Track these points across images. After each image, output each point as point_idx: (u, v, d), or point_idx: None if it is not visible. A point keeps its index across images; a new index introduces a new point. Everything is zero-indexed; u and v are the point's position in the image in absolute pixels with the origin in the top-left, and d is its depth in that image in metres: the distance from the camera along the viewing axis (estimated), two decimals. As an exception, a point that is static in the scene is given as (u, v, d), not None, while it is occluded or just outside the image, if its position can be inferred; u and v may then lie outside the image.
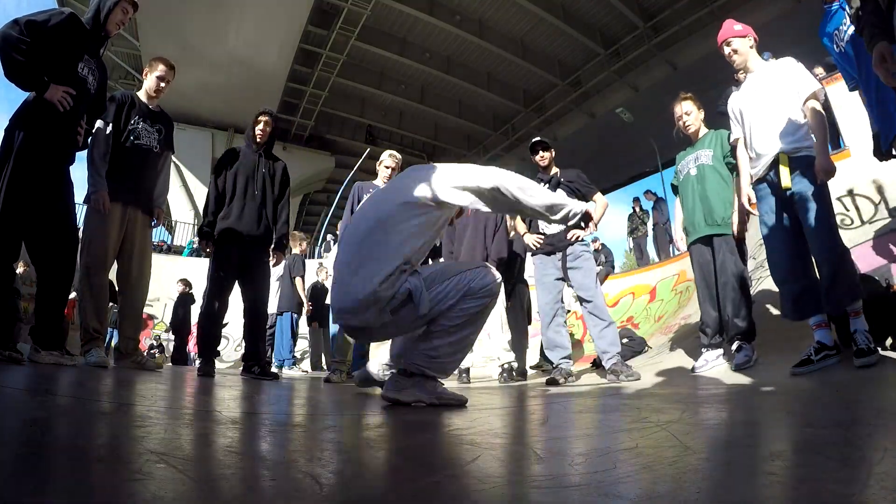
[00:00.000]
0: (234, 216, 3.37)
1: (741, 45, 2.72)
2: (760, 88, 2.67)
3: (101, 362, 2.69)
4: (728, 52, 2.76)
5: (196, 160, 17.38)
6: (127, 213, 3.00)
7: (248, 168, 3.47)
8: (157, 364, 3.53)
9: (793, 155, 2.49)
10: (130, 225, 3.03)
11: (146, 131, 3.08)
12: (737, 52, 2.73)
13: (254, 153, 3.53)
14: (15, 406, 1.27)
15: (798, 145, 2.49)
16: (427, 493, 0.71)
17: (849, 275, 2.37)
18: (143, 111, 3.10)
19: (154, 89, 3.16)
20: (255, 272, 3.43)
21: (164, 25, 13.15)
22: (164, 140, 3.19)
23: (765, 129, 2.60)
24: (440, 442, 1.24)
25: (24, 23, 2.28)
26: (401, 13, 15.21)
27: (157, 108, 3.22)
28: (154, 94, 3.18)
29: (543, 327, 3.66)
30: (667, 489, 0.74)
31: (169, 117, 3.31)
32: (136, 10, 2.76)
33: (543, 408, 2.10)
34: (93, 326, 2.82)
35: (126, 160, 2.97)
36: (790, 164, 2.49)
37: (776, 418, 1.46)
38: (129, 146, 3.00)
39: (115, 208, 2.91)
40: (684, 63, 14.55)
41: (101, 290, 2.90)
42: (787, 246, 2.53)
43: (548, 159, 3.79)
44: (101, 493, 0.61)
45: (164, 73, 3.18)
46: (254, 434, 1.23)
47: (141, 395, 1.74)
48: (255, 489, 0.71)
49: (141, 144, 3.05)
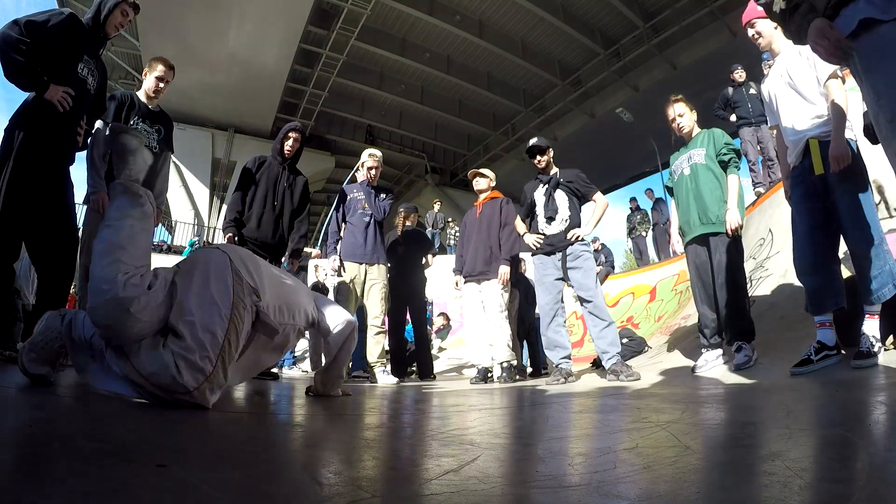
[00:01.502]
0: (253, 225, 3.51)
1: (765, 27, 2.60)
2: (786, 72, 2.56)
3: None
4: (752, 33, 2.65)
5: (196, 160, 17.38)
6: None
7: (271, 179, 3.58)
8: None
9: (823, 139, 2.38)
10: None
11: (145, 131, 3.09)
12: (761, 34, 2.62)
13: (279, 165, 3.63)
14: (15, 406, 1.27)
15: (828, 129, 2.37)
16: (427, 493, 0.71)
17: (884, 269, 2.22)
18: (142, 111, 3.11)
19: (153, 90, 3.17)
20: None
21: (164, 25, 13.16)
22: (163, 140, 3.20)
23: (794, 115, 2.50)
24: (440, 442, 1.23)
25: (23, 23, 2.28)
26: (401, 13, 15.22)
27: (156, 108, 3.23)
28: (153, 95, 3.18)
29: (543, 327, 3.66)
30: (667, 489, 0.74)
31: (169, 117, 3.32)
32: (137, 13, 2.75)
33: (543, 408, 2.10)
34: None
35: None
36: (821, 149, 2.38)
37: (776, 418, 1.46)
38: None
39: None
40: (684, 63, 14.56)
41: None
42: (810, 237, 2.43)
43: (545, 162, 3.79)
44: (102, 494, 0.61)
45: (164, 73, 3.19)
46: (254, 433, 1.23)
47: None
48: (254, 489, 0.71)
49: None
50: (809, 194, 2.46)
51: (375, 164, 4.23)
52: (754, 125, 6.29)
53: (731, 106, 6.48)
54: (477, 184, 4.41)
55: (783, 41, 2.61)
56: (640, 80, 15.79)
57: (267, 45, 14.49)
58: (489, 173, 4.44)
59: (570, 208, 3.67)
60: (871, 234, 2.25)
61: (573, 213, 3.66)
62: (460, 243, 4.46)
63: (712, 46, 13.63)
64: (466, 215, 4.54)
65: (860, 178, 2.31)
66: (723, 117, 6.58)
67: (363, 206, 4.16)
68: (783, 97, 2.58)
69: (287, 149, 3.63)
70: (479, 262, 4.13)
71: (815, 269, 2.42)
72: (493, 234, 4.13)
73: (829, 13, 1.35)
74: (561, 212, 3.66)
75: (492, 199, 4.32)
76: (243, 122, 17.68)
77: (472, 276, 4.16)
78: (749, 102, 6.32)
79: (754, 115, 6.27)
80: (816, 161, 2.40)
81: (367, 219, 4.12)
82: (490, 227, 4.17)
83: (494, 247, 4.10)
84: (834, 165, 2.26)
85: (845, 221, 2.31)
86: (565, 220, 3.64)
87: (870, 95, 1.28)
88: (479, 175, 4.41)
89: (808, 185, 2.47)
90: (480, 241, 4.16)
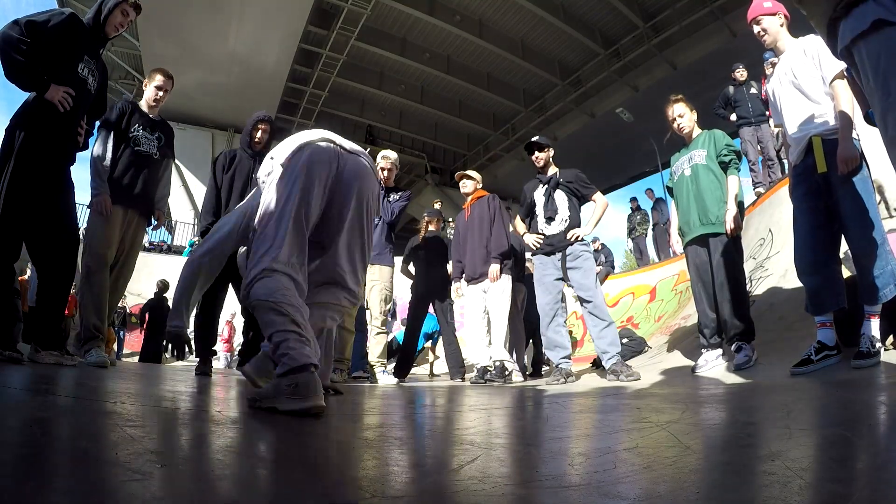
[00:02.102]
0: None
1: (771, 24, 2.59)
2: (790, 70, 2.55)
3: (101, 362, 2.70)
4: (758, 30, 2.62)
5: (196, 160, 17.38)
6: (127, 215, 3.11)
7: (244, 172, 3.54)
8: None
9: (827, 137, 2.38)
10: (129, 227, 3.14)
11: (146, 138, 3.19)
12: (766, 31, 2.59)
13: (249, 157, 3.60)
14: (15, 406, 1.27)
15: (831, 127, 2.38)
16: (427, 493, 0.71)
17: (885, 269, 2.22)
18: (143, 119, 3.21)
19: (153, 99, 3.29)
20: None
21: (164, 25, 13.16)
22: (164, 147, 3.30)
23: (797, 113, 2.50)
24: (440, 442, 1.24)
25: (24, 23, 2.28)
26: (401, 13, 15.22)
27: (157, 116, 3.33)
28: (154, 104, 3.30)
29: (543, 327, 3.67)
30: (667, 489, 0.74)
31: (169, 126, 3.43)
32: (138, 13, 2.76)
33: (543, 408, 2.10)
34: (93, 324, 2.88)
35: (127, 166, 3.10)
36: (825, 146, 2.38)
37: (776, 418, 1.46)
38: (129, 152, 3.12)
39: (117, 211, 3.02)
40: (684, 63, 14.56)
41: (101, 289, 2.94)
42: (811, 237, 2.43)
43: (543, 160, 3.79)
44: (101, 494, 0.61)
45: (163, 82, 3.30)
46: (253, 434, 1.23)
47: (141, 395, 1.74)
48: (254, 489, 0.71)
49: (141, 151, 3.16)
50: (811, 193, 2.46)
51: (387, 166, 4.16)
52: (754, 125, 6.28)
53: (732, 105, 6.47)
54: (464, 186, 4.43)
55: (788, 39, 2.61)
56: (640, 80, 15.78)
57: (267, 45, 14.49)
58: (476, 175, 4.48)
59: (569, 208, 3.67)
60: (873, 234, 2.25)
61: (573, 214, 3.67)
62: (455, 249, 4.43)
63: (712, 46, 13.63)
64: (457, 220, 4.53)
65: (863, 179, 2.30)
66: (723, 116, 6.56)
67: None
68: (787, 95, 2.58)
69: (256, 139, 3.62)
70: (478, 264, 4.12)
71: (815, 269, 2.42)
72: (486, 233, 4.13)
73: (839, 14, 1.38)
74: (561, 212, 3.66)
75: (478, 199, 4.32)
76: (243, 122, 17.54)
77: (475, 278, 4.15)
78: (749, 102, 6.31)
79: (754, 114, 6.26)
80: (819, 159, 2.39)
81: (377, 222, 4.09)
82: (482, 226, 4.16)
83: (489, 244, 4.09)
84: (842, 167, 2.26)
85: (847, 221, 2.31)
86: (565, 221, 3.64)
87: (878, 93, 1.31)
88: (467, 177, 4.43)
89: (809, 184, 2.46)
90: (476, 243, 4.16)
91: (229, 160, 3.58)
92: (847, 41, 1.35)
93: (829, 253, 2.41)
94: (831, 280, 2.39)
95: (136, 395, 1.77)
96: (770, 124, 6.09)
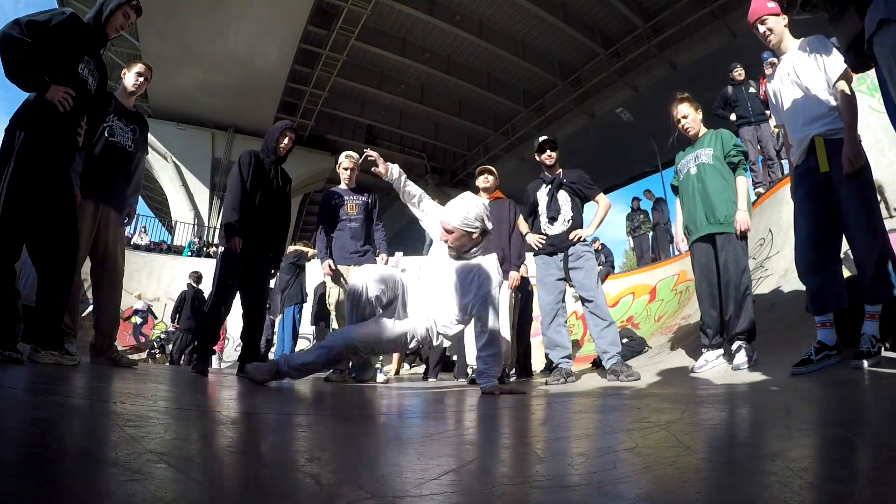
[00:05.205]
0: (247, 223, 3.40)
1: (776, 24, 2.56)
2: (793, 70, 2.54)
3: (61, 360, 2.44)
4: (763, 30, 2.59)
5: (196, 160, 17.40)
6: (99, 210, 3.00)
7: (264, 175, 3.51)
8: (131, 362, 3.51)
9: (829, 137, 2.38)
10: (102, 223, 3.03)
11: (121, 129, 3.10)
12: (772, 31, 2.56)
13: (270, 162, 3.57)
14: (15, 406, 1.27)
15: (833, 127, 2.37)
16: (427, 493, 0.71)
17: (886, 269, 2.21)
18: (118, 109, 3.11)
19: (133, 85, 3.21)
20: (258, 274, 3.46)
21: (164, 25, 13.17)
22: (138, 140, 3.21)
23: (799, 113, 2.49)
24: (440, 442, 1.23)
25: (24, 23, 2.28)
26: (401, 13, 15.22)
27: (132, 108, 3.25)
28: (133, 90, 3.22)
29: (544, 327, 3.66)
30: (667, 489, 0.74)
31: (144, 118, 3.34)
32: (139, 15, 2.75)
33: (543, 408, 2.10)
34: (64, 322, 2.74)
35: (100, 157, 2.97)
36: (827, 147, 2.37)
37: (776, 418, 1.46)
38: (103, 143, 3.00)
39: (88, 205, 2.90)
40: (684, 63, 14.56)
41: (73, 288, 2.85)
42: (812, 237, 2.42)
43: (555, 158, 3.78)
44: (101, 494, 0.61)
45: (143, 70, 3.26)
46: (253, 434, 1.23)
47: (141, 395, 1.74)
48: (254, 489, 0.71)
49: (115, 142, 3.07)
50: (812, 193, 2.46)
51: (350, 166, 4.14)
52: (754, 124, 6.28)
53: (731, 105, 6.47)
54: (486, 181, 4.25)
55: (790, 39, 2.60)
56: (640, 80, 15.78)
57: (267, 45, 14.49)
58: (496, 172, 4.39)
59: (572, 209, 3.66)
60: (874, 234, 2.25)
61: (575, 214, 3.66)
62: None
63: (712, 46, 13.63)
64: None
65: (865, 179, 2.30)
66: (723, 116, 6.57)
67: (348, 209, 4.13)
68: (789, 95, 2.57)
69: (282, 147, 3.56)
70: None
71: (816, 269, 2.41)
72: (504, 236, 4.04)
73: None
74: (563, 212, 3.66)
75: (497, 200, 4.21)
76: (243, 122, 17.68)
77: None
78: (748, 101, 6.31)
79: (754, 113, 6.26)
80: (822, 158, 2.39)
81: (352, 223, 4.07)
82: (500, 229, 4.08)
83: (506, 248, 4.00)
84: (848, 166, 2.25)
85: (849, 221, 2.30)
86: (567, 221, 3.64)
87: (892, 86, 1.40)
88: (489, 172, 4.29)
89: (811, 184, 2.46)
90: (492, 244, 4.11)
91: (254, 161, 3.49)
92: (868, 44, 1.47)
93: (830, 253, 2.41)
94: (832, 280, 2.38)
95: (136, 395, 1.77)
96: (770, 124, 6.10)
